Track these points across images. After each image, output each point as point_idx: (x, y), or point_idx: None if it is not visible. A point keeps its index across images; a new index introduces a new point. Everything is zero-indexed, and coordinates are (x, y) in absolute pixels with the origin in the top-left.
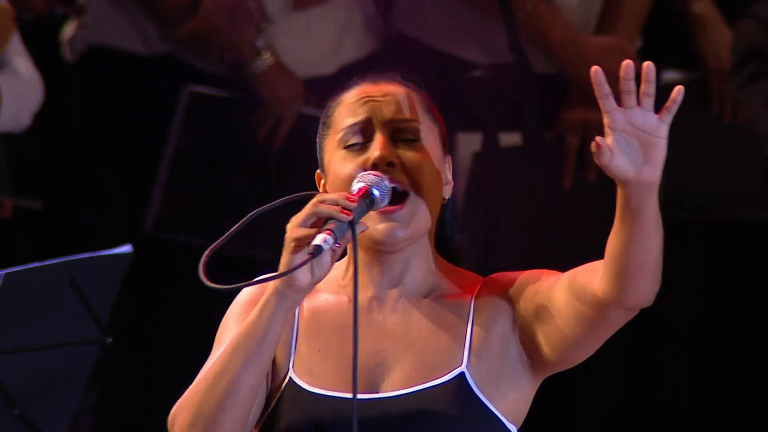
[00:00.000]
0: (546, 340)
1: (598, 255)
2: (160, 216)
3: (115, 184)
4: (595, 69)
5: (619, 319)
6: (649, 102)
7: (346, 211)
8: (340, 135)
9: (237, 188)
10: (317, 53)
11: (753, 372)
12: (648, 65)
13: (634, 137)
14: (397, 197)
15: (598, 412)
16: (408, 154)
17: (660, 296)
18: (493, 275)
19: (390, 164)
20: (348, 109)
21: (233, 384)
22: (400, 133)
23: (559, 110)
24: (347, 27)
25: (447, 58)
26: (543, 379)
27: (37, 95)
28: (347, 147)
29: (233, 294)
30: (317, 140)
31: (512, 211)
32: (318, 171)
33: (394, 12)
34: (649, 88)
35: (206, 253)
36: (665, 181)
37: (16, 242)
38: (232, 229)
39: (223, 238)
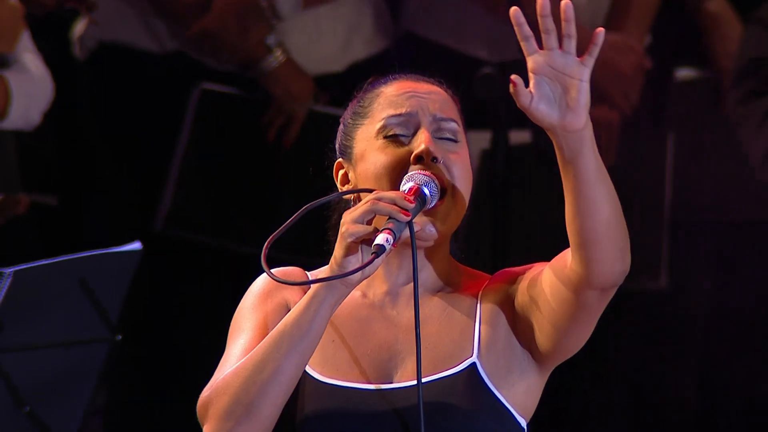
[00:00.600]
0: (539, 328)
1: None
2: (171, 213)
3: (126, 181)
4: (513, 9)
5: (593, 301)
6: (569, 44)
7: (404, 211)
8: (380, 124)
9: (248, 185)
10: (327, 51)
11: (760, 373)
12: (566, 3)
13: (556, 81)
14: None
15: (608, 411)
16: (449, 153)
17: (670, 295)
18: (499, 271)
19: (434, 159)
20: (390, 101)
21: (276, 373)
22: (442, 132)
23: None
24: (357, 25)
25: (456, 55)
26: (549, 371)
27: (46, 93)
28: (387, 137)
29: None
30: (342, 129)
31: (521, 208)
32: (339, 160)
33: (403, 10)
34: (569, 28)
35: (266, 245)
36: (676, 182)
37: (26, 239)
38: (287, 222)
39: (280, 229)
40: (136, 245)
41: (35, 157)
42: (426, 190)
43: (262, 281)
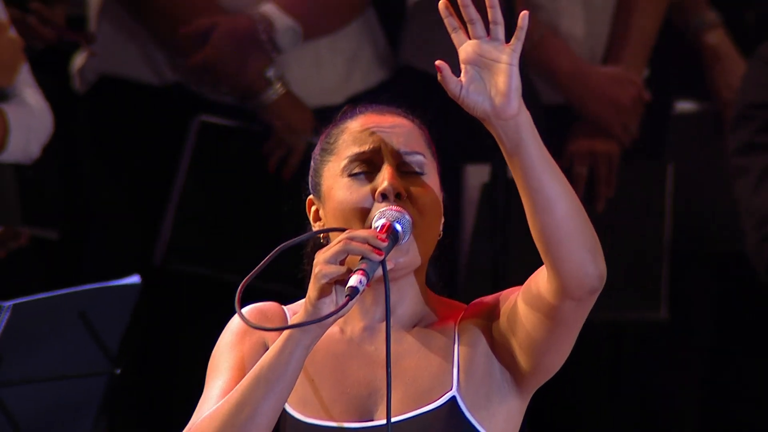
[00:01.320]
0: (519, 350)
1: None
2: (170, 246)
3: (126, 214)
4: (442, 2)
5: (570, 313)
6: (497, 30)
7: (377, 250)
8: (344, 162)
9: (247, 218)
10: (327, 83)
11: (762, 404)
12: None
13: (485, 69)
14: None
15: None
16: (414, 187)
17: (671, 327)
18: (475, 301)
19: (398, 195)
20: (354, 137)
21: (254, 416)
22: (407, 166)
23: (566, 141)
24: (356, 58)
25: None
26: (529, 395)
27: (46, 126)
28: (352, 175)
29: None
30: (312, 166)
31: (521, 242)
32: (310, 197)
33: (403, 43)
34: (495, 15)
35: (240, 288)
36: (676, 213)
37: (26, 272)
38: (262, 263)
39: (254, 271)
40: (135, 279)
41: (35, 190)
42: (398, 226)
43: (238, 320)
